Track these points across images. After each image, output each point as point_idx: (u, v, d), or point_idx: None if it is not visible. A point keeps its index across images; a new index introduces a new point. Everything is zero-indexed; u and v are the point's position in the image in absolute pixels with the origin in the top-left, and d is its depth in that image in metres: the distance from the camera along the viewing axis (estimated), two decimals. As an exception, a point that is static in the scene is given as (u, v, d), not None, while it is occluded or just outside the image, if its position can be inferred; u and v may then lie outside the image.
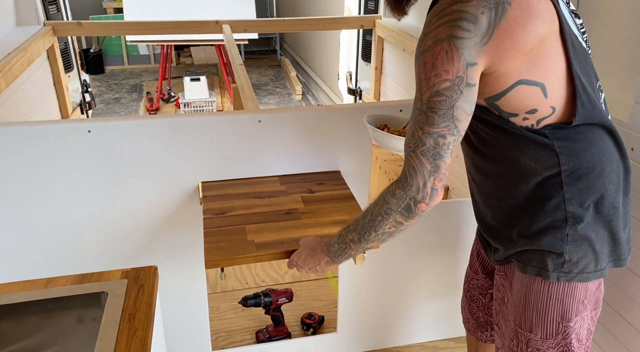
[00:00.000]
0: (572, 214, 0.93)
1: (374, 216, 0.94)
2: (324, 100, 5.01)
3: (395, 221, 0.92)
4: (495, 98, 0.90)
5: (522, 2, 0.82)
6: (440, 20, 0.82)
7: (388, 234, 0.95)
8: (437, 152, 0.85)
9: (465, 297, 1.34)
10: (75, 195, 1.40)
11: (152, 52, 6.27)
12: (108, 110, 4.94)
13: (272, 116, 1.45)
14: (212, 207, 1.31)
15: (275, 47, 6.89)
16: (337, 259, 1.03)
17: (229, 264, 1.11)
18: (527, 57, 0.85)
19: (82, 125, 1.35)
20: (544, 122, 0.91)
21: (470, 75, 0.83)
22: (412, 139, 0.88)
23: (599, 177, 0.93)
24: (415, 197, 0.88)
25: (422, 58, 0.84)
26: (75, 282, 0.93)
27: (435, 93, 0.83)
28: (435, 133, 0.84)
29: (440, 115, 0.84)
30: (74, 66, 2.88)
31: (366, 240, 0.97)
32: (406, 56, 2.60)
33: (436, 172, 0.86)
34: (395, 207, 0.90)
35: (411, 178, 0.87)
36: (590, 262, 0.95)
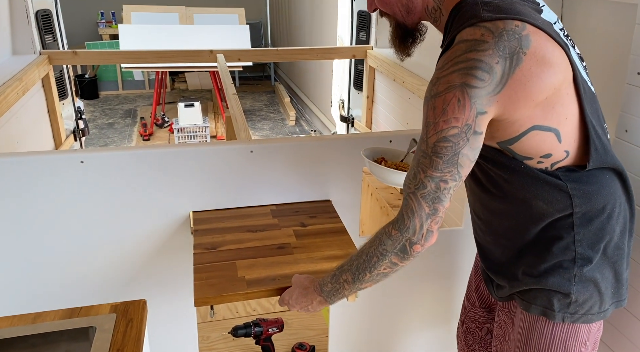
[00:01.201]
0: (582, 255, 0.93)
1: (369, 256, 0.94)
2: (317, 126, 5.06)
3: (390, 262, 0.92)
4: (508, 142, 0.90)
5: (537, 53, 0.82)
6: (454, 67, 0.82)
7: (383, 275, 0.95)
8: (437, 196, 0.86)
9: (462, 328, 1.34)
10: (66, 226, 1.40)
11: (146, 77, 6.33)
12: (102, 136, 4.95)
13: (263, 146, 1.47)
14: (203, 242, 1.29)
15: (270, 73, 6.99)
16: (330, 299, 1.02)
17: (218, 302, 1.09)
18: (541, 104, 0.85)
19: (74, 156, 1.36)
20: (558, 165, 0.92)
21: (478, 123, 0.83)
22: (413, 180, 0.87)
23: (608, 220, 0.94)
24: (411, 238, 0.88)
25: (433, 102, 0.84)
26: (64, 316, 0.92)
27: (442, 138, 0.83)
28: (438, 177, 0.85)
29: (444, 161, 0.84)
30: (69, 94, 2.91)
31: (360, 281, 0.96)
32: (397, 86, 2.65)
33: (434, 215, 0.87)
34: (390, 248, 0.90)
35: (408, 220, 0.87)
36: (595, 304, 0.95)
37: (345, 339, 1.74)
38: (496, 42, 0.80)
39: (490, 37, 0.80)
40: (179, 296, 1.54)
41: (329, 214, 1.45)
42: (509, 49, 0.80)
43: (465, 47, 0.82)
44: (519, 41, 0.81)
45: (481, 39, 0.81)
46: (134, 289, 1.51)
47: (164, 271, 1.52)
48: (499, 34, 0.80)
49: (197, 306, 1.06)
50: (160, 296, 1.53)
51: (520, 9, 0.84)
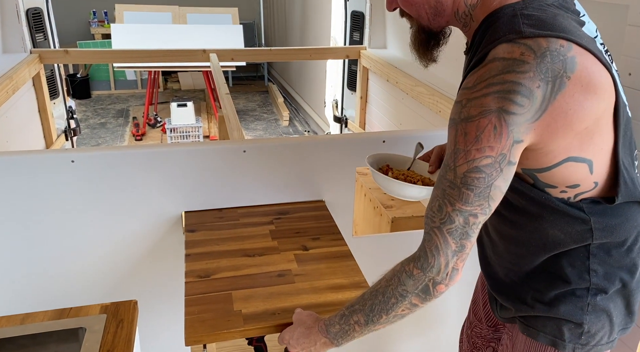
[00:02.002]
0: (596, 285, 0.87)
1: (386, 297, 0.84)
2: (311, 127, 5.06)
3: (410, 303, 0.83)
4: (536, 171, 0.82)
5: (582, 77, 0.73)
6: (489, 89, 0.73)
7: (400, 316, 0.86)
8: (465, 232, 0.78)
9: (467, 342, 1.27)
10: (56, 226, 1.39)
11: (139, 77, 6.29)
12: (93, 136, 4.92)
13: (256, 146, 1.46)
14: (195, 269, 1.19)
15: (263, 73, 6.98)
16: (337, 341, 0.92)
17: (211, 340, 0.99)
18: (579, 135, 0.77)
19: (65, 155, 1.35)
20: (582, 196, 0.84)
21: (513, 153, 0.75)
22: (438, 213, 0.79)
23: (628, 252, 0.88)
24: (434, 278, 0.80)
25: (464, 127, 0.75)
26: (53, 317, 0.91)
27: (473, 169, 0.75)
28: (467, 212, 0.76)
29: (476, 194, 0.76)
30: (60, 93, 2.88)
31: (375, 323, 0.87)
32: (390, 86, 2.66)
33: (460, 252, 0.79)
34: (412, 288, 0.82)
35: (433, 258, 0.79)
36: (606, 334, 0.90)
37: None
38: (538, 63, 0.71)
39: (532, 58, 0.71)
40: (171, 296, 1.53)
41: (333, 235, 1.36)
42: (552, 72, 0.71)
43: (502, 66, 0.73)
44: (563, 64, 0.72)
45: (521, 59, 0.72)
46: (126, 289, 1.50)
47: (155, 272, 1.50)
48: (542, 54, 0.71)
49: (188, 345, 0.96)
50: (152, 296, 1.52)
51: (565, 24, 0.74)
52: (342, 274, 1.19)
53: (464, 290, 1.39)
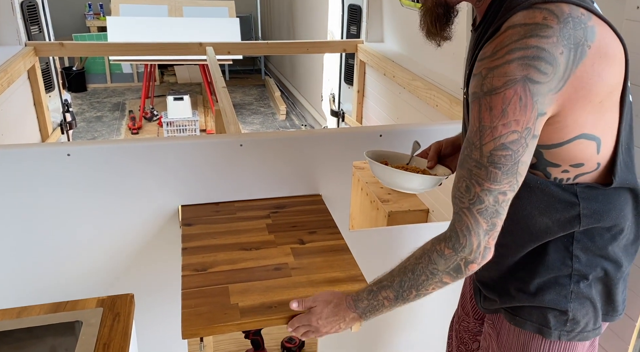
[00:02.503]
0: (578, 271, 0.88)
1: (416, 274, 0.85)
2: (308, 121, 5.05)
3: (441, 281, 0.84)
4: (546, 146, 0.81)
5: (601, 47, 0.72)
6: (512, 55, 0.70)
7: (430, 293, 0.87)
8: (496, 210, 0.77)
9: (455, 337, 1.28)
10: (52, 219, 1.38)
11: (135, 70, 6.26)
12: (89, 129, 4.90)
13: (253, 140, 1.46)
14: (192, 262, 1.19)
15: (260, 66, 6.95)
16: (366, 315, 0.93)
17: (208, 333, 0.99)
18: (595, 109, 0.76)
19: (61, 148, 1.35)
20: (582, 178, 0.84)
21: (537, 126, 0.74)
22: (466, 193, 0.78)
23: (612, 240, 0.88)
24: (467, 257, 0.80)
25: (489, 101, 0.72)
26: (49, 311, 0.91)
27: (500, 146, 0.73)
28: (497, 190, 0.76)
29: (504, 172, 0.74)
30: (55, 86, 2.87)
31: (405, 299, 0.88)
32: (387, 80, 2.65)
33: (492, 230, 0.78)
34: (443, 267, 0.82)
35: (464, 238, 0.79)
36: (591, 320, 0.91)
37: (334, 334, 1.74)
38: (561, 29, 0.69)
39: (555, 22, 0.69)
40: (168, 290, 1.53)
41: (330, 229, 1.36)
42: (574, 39, 0.69)
43: (523, 31, 0.69)
44: (584, 32, 0.70)
45: (543, 23, 0.69)
46: (122, 283, 1.50)
47: (152, 265, 1.50)
48: (565, 19, 0.69)
49: (185, 338, 0.96)
50: (148, 290, 1.52)
51: None
52: (338, 267, 1.19)
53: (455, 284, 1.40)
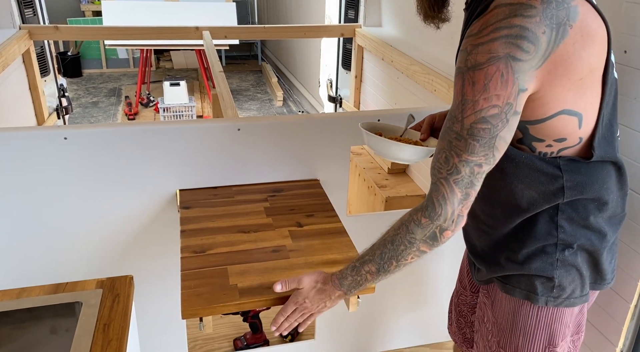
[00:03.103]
0: (564, 241, 0.92)
1: (395, 245, 0.89)
2: (305, 107, 5.03)
3: (418, 250, 0.88)
4: (529, 122, 0.85)
5: (583, 27, 0.76)
6: (497, 33, 0.74)
7: (409, 264, 0.91)
8: (471, 181, 0.81)
9: (454, 311, 1.32)
10: (50, 203, 1.38)
11: (131, 55, 6.21)
12: (86, 115, 4.87)
13: (251, 124, 1.46)
14: (191, 244, 1.19)
15: (257, 52, 6.90)
16: (350, 292, 0.98)
17: (207, 313, 1.00)
18: (575, 86, 0.80)
19: (57, 132, 1.34)
20: (565, 152, 0.88)
21: (519, 102, 0.77)
22: (445, 165, 0.82)
23: (595, 211, 0.92)
24: (442, 225, 0.84)
25: (472, 75, 0.76)
26: (49, 292, 0.92)
27: (480, 119, 0.77)
28: (473, 162, 0.80)
29: (482, 144, 0.78)
30: (51, 70, 2.84)
31: (386, 271, 0.92)
32: (385, 65, 2.64)
33: (466, 200, 0.83)
34: (420, 236, 0.86)
35: (440, 207, 0.83)
36: (577, 287, 0.95)
37: (331, 316, 1.76)
38: (544, 9, 0.73)
39: (538, 2, 0.73)
40: (167, 273, 1.54)
41: (327, 212, 1.37)
42: (557, 18, 0.73)
43: (508, 11, 0.73)
44: (567, 12, 0.74)
45: (528, 3, 0.73)
46: (121, 265, 1.50)
47: (150, 249, 1.51)
48: (548, 0, 0.73)
49: (185, 318, 0.98)
50: (147, 272, 1.53)
51: None
52: (336, 249, 1.20)
53: (455, 267, 1.41)
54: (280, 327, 1.02)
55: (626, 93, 1.18)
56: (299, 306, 1.00)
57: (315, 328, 1.77)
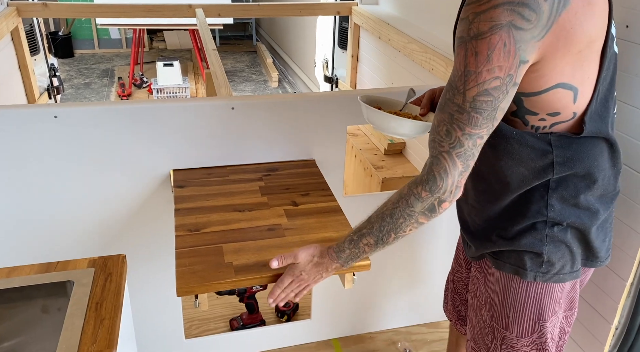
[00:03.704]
0: (553, 218, 0.92)
1: (394, 218, 0.89)
2: (300, 88, 4.98)
3: (417, 222, 0.88)
4: (525, 95, 0.84)
5: None
6: (498, 0, 0.72)
7: (407, 235, 0.91)
8: (472, 153, 0.81)
9: (450, 289, 1.34)
10: (40, 182, 1.36)
11: (123, 36, 6.11)
12: (78, 96, 4.80)
13: (245, 103, 1.43)
14: (185, 223, 1.18)
15: (251, 32, 6.80)
16: (347, 264, 0.98)
17: (203, 291, 1.00)
18: (573, 58, 0.79)
19: (48, 110, 1.31)
20: (557, 127, 0.87)
21: (519, 73, 0.76)
22: (446, 138, 0.80)
23: (586, 188, 0.91)
24: (441, 197, 0.84)
25: (475, 45, 0.74)
26: (40, 271, 0.90)
27: (483, 92, 0.75)
28: (476, 134, 0.79)
29: (484, 117, 0.77)
30: (41, 49, 2.78)
31: (384, 243, 0.92)
32: (382, 44, 2.60)
33: (465, 171, 0.82)
34: (419, 209, 0.86)
35: (441, 181, 0.82)
36: (567, 263, 0.95)
37: (327, 296, 1.76)
38: None
39: None
40: (161, 253, 1.53)
41: (323, 191, 1.36)
42: None
43: None
44: None
45: None
46: (114, 245, 1.49)
47: (144, 228, 1.50)
48: None
49: (180, 295, 0.97)
50: (142, 253, 1.52)
51: None
52: (331, 228, 1.20)
53: (451, 247, 1.41)
54: (277, 298, 1.03)
55: (626, 69, 1.16)
56: (295, 278, 1.01)
57: (311, 308, 1.77)
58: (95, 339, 0.78)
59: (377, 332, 1.88)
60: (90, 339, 0.78)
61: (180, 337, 1.67)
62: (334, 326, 1.83)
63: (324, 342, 1.82)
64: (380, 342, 1.84)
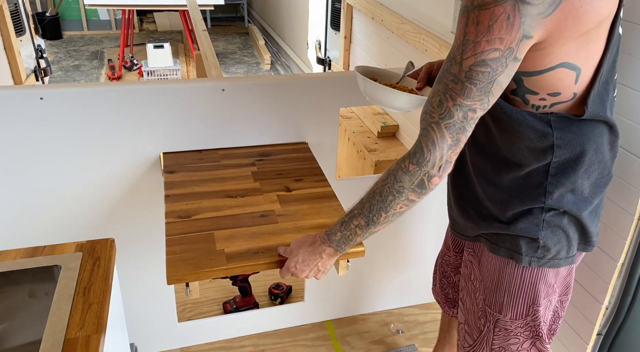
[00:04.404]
0: (550, 204, 0.91)
1: (383, 196, 0.87)
2: (293, 70, 4.92)
3: (407, 200, 0.85)
4: (526, 74, 0.82)
5: None
6: None
7: (398, 214, 0.88)
8: (463, 126, 0.78)
9: (438, 272, 1.34)
10: (27, 166, 1.33)
11: (113, 17, 5.99)
12: (67, 78, 4.73)
13: (236, 85, 1.40)
14: (176, 209, 1.16)
15: (243, 14, 6.69)
16: (341, 248, 0.95)
17: (194, 278, 0.98)
18: (581, 38, 0.76)
19: (33, 91, 1.28)
20: (557, 107, 0.85)
21: (521, 49, 0.74)
22: (437, 108, 0.79)
23: (584, 173, 0.90)
24: (429, 172, 0.82)
25: (477, 15, 0.72)
26: (26, 255, 0.89)
27: (480, 62, 0.74)
28: (467, 106, 0.77)
29: (479, 89, 0.75)
30: (27, 30, 2.72)
31: (375, 223, 0.90)
32: (375, 25, 2.56)
33: (455, 146, 0.80)
34: (408, 184, 0.83)
35: (429, 153, 0.80)
36: (563, 249, 0.95)
37: (320, 281, 1.76)
38: None
39: None
40: (152, 238, 1.52)
41: (316, 176, 1.34)
42: None
43: None
44: None
45: None
46: (103, 230, 1.47)
47: (135, 214, 1.48)
48: None
49: (170, 283, 0.96)
50: (132, 238, 1.50)
51: None
52: (325, 214, 1.18)
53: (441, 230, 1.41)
54: None
55: (628, 52, 1.14)
56: (293, 271, 0.99)
57: (304, 291, 1.77)
58: (84, 324, 0.77)
59: (370, 314, 1.89)
60: (78, 323, 0.77)
61: (173, 320, 1.67)
62: (327, 308, 1.83)
63: (317, 324, 1.83)
64: (373, 323, 1.86)
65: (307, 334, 1.79)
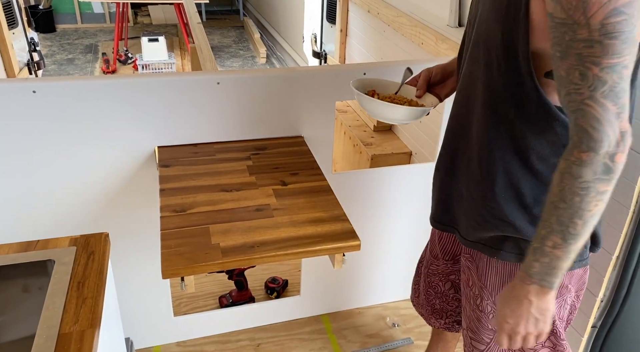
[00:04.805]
0: None
1: (568, 201, 0.74)
2: (289, 64, 4.90)
3: (597, 193, 0.73)
4: None
5: None
6: None
7: (596, 215, 0.75)
8: (622, 88, 0.68)
9: (423, 282, 1.29)
10: (20, 160, 1.32)
11: (107, 10, 5.94)
12: (61, 72, 4.69)
13: (231, 78, 1.39)
14: (171, 203, 1.15)
15: (238, 7, 6.65)
16: (546, 281, 0.80)
17: (189, 273, 0.98)
18: None
19: (26, 85, 1.26)
20: None
21: None
22: (583, 82, 0.68)
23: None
24: (609, 151, 0.70)
25: None
26: (19, 250, 0.88)
27: (612, 12, 0.64)
28: (618, 64, 0.66)
29: (622, 41, 0.65)
30: (19, 22, 2.69)
31: (573, 235, 0.76)
32: (371, 18, 2.55)
33: (622, 112, 0.69)
34: (591, 176, 0.72)
35: (597, 133, 0.69)
36: None
37: (316, 272, 1.76)
38: None
39: None
40: (147, 233, 1.51)
41: (312, 170, 1.33)
42: None
43: None
44: None
45: None
46: (99, 226, 1.46)
47: (130, 208, 1.47)
48: None
49: (166, 278, 0.95)
50: (127, 233, 1.49)
51: None
52: (321, 208, 1.17)
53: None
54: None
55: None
56: (509, 330, 0.86)
57: (300, 285, 1.77)
58: (78, 319, 0.76)
59: (365, 308, 1.90)
60: (72, 318, 0.76)
61: (169, 314, 1.67)
62: (323, 302, 1.83)
63: (313, 318, 1.84)
64: (369, 317, 1.86)
65: (303, 328, 1.80)
